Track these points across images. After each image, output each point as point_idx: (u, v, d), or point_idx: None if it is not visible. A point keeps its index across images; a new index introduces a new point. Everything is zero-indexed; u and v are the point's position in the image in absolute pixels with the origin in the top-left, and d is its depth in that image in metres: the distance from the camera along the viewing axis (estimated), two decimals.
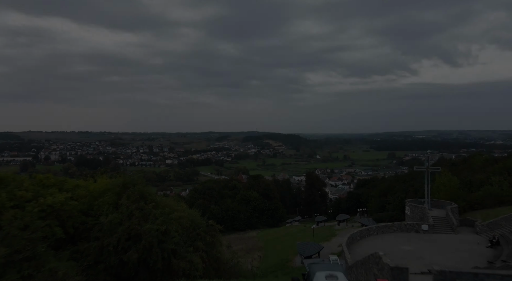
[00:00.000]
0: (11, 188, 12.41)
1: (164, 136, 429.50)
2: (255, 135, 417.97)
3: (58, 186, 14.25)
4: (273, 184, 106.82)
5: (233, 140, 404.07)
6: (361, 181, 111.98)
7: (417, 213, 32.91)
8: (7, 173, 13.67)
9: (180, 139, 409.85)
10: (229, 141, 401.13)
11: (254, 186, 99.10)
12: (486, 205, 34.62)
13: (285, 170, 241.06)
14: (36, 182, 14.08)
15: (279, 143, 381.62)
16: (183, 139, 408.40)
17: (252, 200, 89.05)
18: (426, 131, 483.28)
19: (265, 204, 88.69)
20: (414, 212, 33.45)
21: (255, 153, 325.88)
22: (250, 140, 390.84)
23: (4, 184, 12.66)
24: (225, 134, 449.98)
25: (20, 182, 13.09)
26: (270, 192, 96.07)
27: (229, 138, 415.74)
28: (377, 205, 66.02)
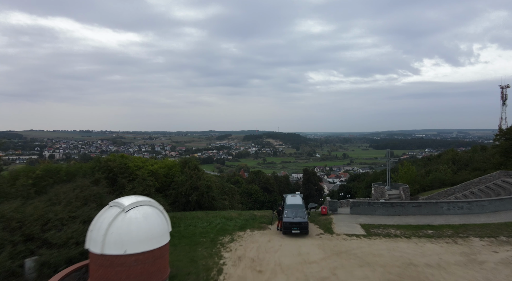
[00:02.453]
0: (132, 161, 24.34)
1: (165, 135, 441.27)
2: (256, 134, 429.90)
3: (148, 162, 26.17)
4: (273, 179, 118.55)
5: (233, 139, 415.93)
6: (353, 176, 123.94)
7: (379, 192, 44.75)
8: (129, 155, 25.66)
9: (181, 138, 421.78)
10: (229, 140, 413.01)
11: (255, 180, 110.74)
12: (434, 187, 46.48)
13: (285, 168, 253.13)
14: (138, 159, 25.99)
15: (279, 141, 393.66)
16: (184, 138, 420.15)
17: (253, 192, 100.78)
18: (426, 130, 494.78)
19: (265, 197, 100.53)
20: (377, 191, 45.31)
21: (255, 151, 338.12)
22: (250, 139, 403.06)
23: (128, 159, 24.51)
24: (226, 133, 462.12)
25: (133, 159, 25.05)
26: (270, 186, 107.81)
27: (229, 137, 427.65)
28: (363, 194, 77.82)
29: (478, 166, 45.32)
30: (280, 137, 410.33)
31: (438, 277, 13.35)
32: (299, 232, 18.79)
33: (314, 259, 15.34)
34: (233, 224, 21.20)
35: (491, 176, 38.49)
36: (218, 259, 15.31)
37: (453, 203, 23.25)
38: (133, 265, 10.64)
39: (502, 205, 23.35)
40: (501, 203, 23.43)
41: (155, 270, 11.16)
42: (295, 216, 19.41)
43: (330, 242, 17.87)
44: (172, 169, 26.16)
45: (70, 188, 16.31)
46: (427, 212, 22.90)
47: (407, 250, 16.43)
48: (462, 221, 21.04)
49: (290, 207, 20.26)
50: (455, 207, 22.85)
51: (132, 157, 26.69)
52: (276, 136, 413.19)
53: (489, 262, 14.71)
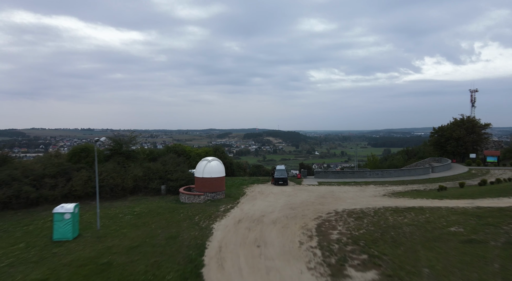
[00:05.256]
0: (185, 148, 42.49)
1: (166, 134, 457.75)
2: (256, 133, 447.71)
3: (194, 149, 44.14)
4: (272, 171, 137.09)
5: (234, 137, 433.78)
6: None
7: None
8: (185, 145, 43.54)
9: (182, 136, 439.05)
10: (230, 138, 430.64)
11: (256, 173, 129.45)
12: None
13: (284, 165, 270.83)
14: (188, 147, 44.02)
15: (279, 139, 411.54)
16: (185, 137, 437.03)
17: None
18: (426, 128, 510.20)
19: None
20: None
21: (256, 149, 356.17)
22: (251, 137, 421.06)
23: (183, 147, 42.61)
24: (226, 131, 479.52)
25: (186, 147, 43.10)
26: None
27: (230, 136, 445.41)
28: None
29: (421, 155, 63.20)
30: (280, 136, 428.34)
31: (342, 195, 31.28)
32: (282, 183, 36.72)
33: (287, 191, 33.36)
34: (247, 181, 39.28)
35: (423, 161, 56.65)
36: (242, 191, 33.32)
37: (373, 171, 41.28)
38: (213, 181, 28.66)
39: (402, 173, 41.36)
40: (401, 172, 41.47)
41: (220, 184, 29.21)
42: (280, 175, 37.35)
43: (297, 187, 35.93)
44: (208, 153, 43.81)
45: (169, 158, 34.35)
46: (358, 176, 40.91)
47: (334, 188, 34.49)
48: (373, 179, 39.05)
49: (278, 171, 38.22)
50: (373, 174, 40.88)
51: (184, 145, 44.87)
52: (276, 135, 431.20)
53: (368, 191, 32.75)
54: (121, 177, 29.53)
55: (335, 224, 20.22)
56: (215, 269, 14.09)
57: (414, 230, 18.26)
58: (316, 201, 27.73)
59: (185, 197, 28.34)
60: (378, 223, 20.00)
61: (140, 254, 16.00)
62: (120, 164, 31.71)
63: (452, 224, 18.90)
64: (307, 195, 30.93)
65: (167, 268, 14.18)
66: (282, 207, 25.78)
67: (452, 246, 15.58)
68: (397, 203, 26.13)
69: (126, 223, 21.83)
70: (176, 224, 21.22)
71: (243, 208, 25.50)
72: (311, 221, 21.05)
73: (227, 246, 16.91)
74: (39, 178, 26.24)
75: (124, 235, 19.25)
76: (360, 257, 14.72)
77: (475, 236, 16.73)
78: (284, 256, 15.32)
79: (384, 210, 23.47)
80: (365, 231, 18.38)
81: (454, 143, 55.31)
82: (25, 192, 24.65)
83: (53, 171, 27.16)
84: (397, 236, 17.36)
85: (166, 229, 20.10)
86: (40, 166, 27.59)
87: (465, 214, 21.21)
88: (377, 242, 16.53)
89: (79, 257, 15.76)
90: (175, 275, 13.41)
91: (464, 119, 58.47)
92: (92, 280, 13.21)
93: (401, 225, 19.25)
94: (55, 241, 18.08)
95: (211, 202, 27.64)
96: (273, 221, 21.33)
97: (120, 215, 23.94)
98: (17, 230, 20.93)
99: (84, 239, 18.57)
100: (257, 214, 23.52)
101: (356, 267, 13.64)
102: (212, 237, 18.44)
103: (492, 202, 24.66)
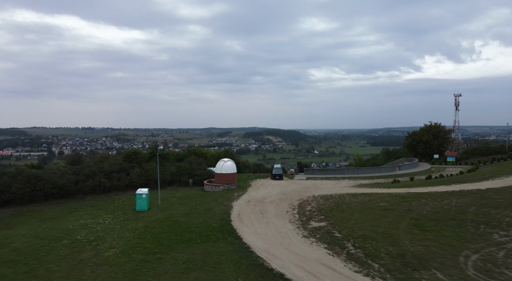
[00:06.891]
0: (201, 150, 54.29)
1: (166, 132, 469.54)
2: (256, 132, 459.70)
3: (208, 151, 55.96)
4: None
5: (234, 136, 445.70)
6: None
7: None
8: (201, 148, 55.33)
9: (182, 135, 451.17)
10: (230, 137, 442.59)
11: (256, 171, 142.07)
12: None
13: (284, 164, 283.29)
14: (203, 149, 55.79)
15: (279, 138, 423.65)
16: (185, 135, 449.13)
17: None
18: None
19: None
20: None
21: (256, 148, 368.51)
22: (251, 136, 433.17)
23: (199, 149, 54.40)
24: (227, 130, 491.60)
25: (201, 149, 54.93)
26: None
27: (230, 134, 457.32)
28: None
29: (399, 155, 75.18)
30: (279, 135, 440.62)
31: (321, 186, 43.17)
32: (278, 178, 48.61)
33: (282, 183, 45.27)
34: (252, 177, 51.27)
35: (398, 160, 68.68)
36: (249, 183, 45.26)
37: (350, 169, 53.30)
38: (228, 176, 40.64)
39: (373, 170, 53.38)
40: (373, 169, 53.51)
41: (233, 178, 41.22)
42: (277, 172, 49.26)
43: (290, 181, 47.92)
44: (220, 155, 55.49)
45: (193, 159, 46.32)
46: (338, 173, 52.90)
47: (317, 182, 46.45)
48: (349, 175, 51.04)
49: (275, 169, 50.18)
50: (350, 171, 52.90)
51: (200, 148, 56.91)
52: (276, 134, 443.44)
53: (342, 183, 44.73)
54: (161, 172, 41.33)
55: (310, 202, 32.19)
56: (238, 222, 26.06)
57: (358, 204, 30.19)
58: (301, 190, 39.68)
59: (208, 187, 40.29)
60: (338, 202, 31.94)
61: (192, 217, 27.95)
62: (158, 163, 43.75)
63: (382, 201, 30.84)
64: (296, 186, 42.87)
65: (211, 222, 26.14)
66: (277, 193, 37.72)
67: (374, 212, 27.50)
68: (357, 191, 38.06)
69: (175, 202, 33.80)
70: (207, 203, 33.18)
71: (250, 194, 37.45)
72: (295, 201, 33.01)
73: (243, 213, 28.87)
74: (109, 173, 38.14)
75: (177, 208, 31.22)
76: (319, 217, 26.68)
77: (392, 207, 28.65)
78: (276, 217, 27.29)
79: (346, 195, 35.40)
80: (328, 206, 30.32)
81: (423, 145, 67.31)
82: (103, 183, 36.61)
83: (117, 168, 39.07)
84: (346, 207, 29.30)
85: (202, 205, 32.07)
86: (107, 164, 39.43)
87: (396, 196, 33.09)
88: (332, 210, 28.46)
89: (157, 218, 27.72)
90: (217, 225, 25.37)
91: (432, 126, 70.47)
92: (173, 227, 25.14)
93: (351, 203, 31.19)
94: (137, 211, 30.04)
95: (227, 191, 39.59)
96: (271, 201, 33.28)
97: (168, 198, 35.90)
98: (110, 205, 32.93)
99: (154, 210, 30.55)
100: (260, 197, 35.46)
101: (316, 221, 25.60)
102: (232, 209, 30.37)
103: (421, 189, 36.56)
